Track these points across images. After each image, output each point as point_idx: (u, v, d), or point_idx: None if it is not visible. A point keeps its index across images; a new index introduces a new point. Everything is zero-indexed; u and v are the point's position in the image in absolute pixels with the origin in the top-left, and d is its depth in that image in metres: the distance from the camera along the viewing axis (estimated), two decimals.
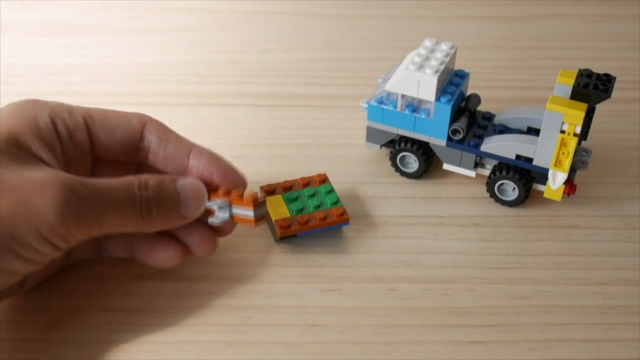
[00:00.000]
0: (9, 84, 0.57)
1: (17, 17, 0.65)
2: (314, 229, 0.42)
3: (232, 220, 0.38)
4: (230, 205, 0.38)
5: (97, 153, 0.38)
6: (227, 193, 0.38)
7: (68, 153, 0.36)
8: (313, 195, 0.43)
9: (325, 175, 0.44)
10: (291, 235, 0.41)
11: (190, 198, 0.37)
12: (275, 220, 0.41)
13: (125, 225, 0.35)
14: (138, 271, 0.40)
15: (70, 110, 0.37)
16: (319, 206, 0.42)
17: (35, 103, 0.37)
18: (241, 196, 0.38)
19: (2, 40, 0.62)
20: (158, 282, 0.40)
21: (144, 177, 0.36)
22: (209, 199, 0.38)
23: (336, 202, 0.43)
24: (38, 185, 0.32)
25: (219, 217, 0.38)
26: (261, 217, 0.39)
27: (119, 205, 0.34)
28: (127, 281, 0.38)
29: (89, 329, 0.37)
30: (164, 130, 0.39)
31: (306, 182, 0.44)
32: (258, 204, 0.38)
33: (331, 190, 0.43)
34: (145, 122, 0.39)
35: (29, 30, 0.64)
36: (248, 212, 0.38)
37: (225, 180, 0.38)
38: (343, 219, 0.42)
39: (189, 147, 0.39)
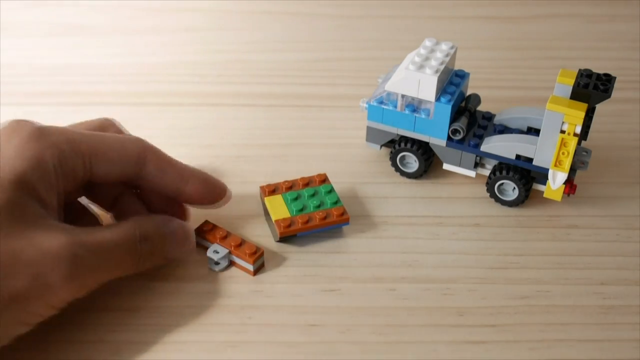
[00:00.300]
0: (9, 84, 0.57)
1: (17, 17, 0.65)
2: (314, 229, 0.42)
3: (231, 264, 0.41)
4: (229, 254, 0.41)
5: (94, 180, 0.38)
6: (224, 237, 0.41)
7: (66, 186, 0.37)
8: (313, 195, 0.43)
9: (325, 175, 0.44)
10: (291, 235, 0.41)
11: (177, 242, 0.39)
12: (276, 220, 0.41)
13: (118, 274, 0.36)
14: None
15: (72, 147, 0.36)
16: (319, 206, 0.42)
17: (39, 139, 0.35)
18: (240, 245, 0.40)
19: (2, 40, 0.62)
20: (157, 282, 0.40)
21: (143, 229, 0.37)
22: (209, 241, 0.41)
23: (336, 202, 0.43)
24: (50, 259, 0.32)
25: (220, 265, 0.40)
26: (259, 267, 0.41)
27: (120, 264, 0.36)
28: (126, 281, 0.38)
29: (88, 329, 0.37)
30: (161, 161, 0.39)
31: (306, 182, 0.44)
32: (257, 258, 0.40)
33: (331, 190, 0.43)
34: (144, 154, 0.39)
35: (29, 30, 0.64)
36: (248, 265, 0.40)
37: (211, 195, 0.41)
38: (343, 218, 0.42)
39: (183, 173, 0.40)
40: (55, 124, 0.37)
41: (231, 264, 0.41)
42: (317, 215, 0.41)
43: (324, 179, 0.44)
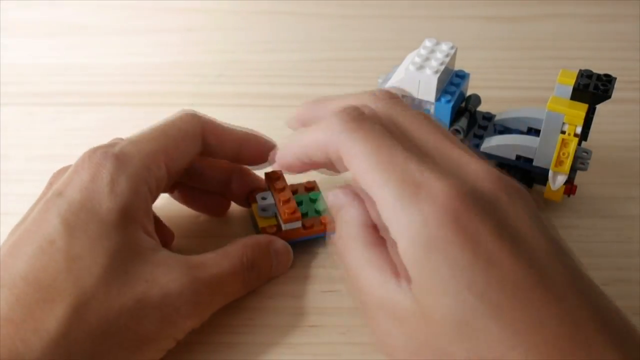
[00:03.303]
0: (9, 84, 0.57)
1: (17, 17, 0.65)
2: (300, 238, 0.41)
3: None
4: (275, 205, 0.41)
5: (171, 177, 0.38)
6: (282, 189, 0.41)
7: (154, 200, 0.36)
8: (300, 204, 0.42)
9: (314, 182, 0.44)
10: None
11: (281, 264, 0.40)
12: (262, 228, 0.41)
13: (230, 301, 0.37)
14: None
15: (153, 161, 0.35)
16: (305, 214, 0.42)
17: (124, 166, 0.34)
18: (287, 201, 0.41)
19: (2, 40, 0.62)
20: None
21: (250, 255, 0.37)
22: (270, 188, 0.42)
23: (323, 210, 0.42)
24: (175, 299, 0.32)
25: (267, 212, 0.41)
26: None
27: (233, 293, 0.37)
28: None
29: None
30: (218, 132, 0.39)
31: (294, 190, 0.43)
32: (289, 220, 0.40)
33: (319, 199, 0.43)
34: (203, 131, 0.38)
35: (29, 30, 0.64)
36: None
37: (265, 154, 0.41)
38: (328, 228, 0.41)
39: (239, 138, 0.40)
40: (54, 124, 0.37)
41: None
42: (304, 223, 0.41)
43: (312, 187, 0.44)
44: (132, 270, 0.32)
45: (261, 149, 0.41)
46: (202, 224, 0.44)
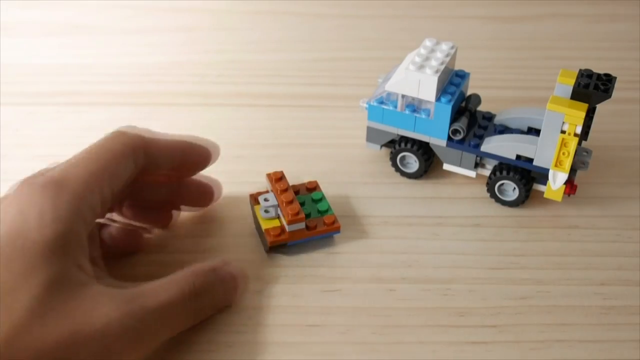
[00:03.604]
0: (9, 84, 0.57)
1: (17, 17, 0.65)
2: (304, 238, 0.41)
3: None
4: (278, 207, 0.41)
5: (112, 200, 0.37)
6: (285, 189, 0.41)
7: (92, 225, 0.35)
8: (302, 205, 0.42)
9: (315, 182, 0.44)
10: (281, 243, 0.41)
11: (229, 291, 0.38)
12: (265, 229, 0.41)
13: (176, 332, 0.35)
14: (136, 271, 0.40)
15: (89, 187, 0.34)
16: (308, 215, 0.42)
17: (57, 194, 0.32)
18: (290, 202, 0.41)
19: (2, 40, 0.62)
20: None
21: (196, 282, 0.35)
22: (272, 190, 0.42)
23: (327, 210, 0.42)
24: (110, 334, 0.31)
25: (270, 214, 0.41)
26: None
27: (177, 324, 0.35)
28: (125, 282, 0.38)
29: None
30: (148, 146, 0.38)
31: (296, 190, 0.43)
32: (293, 222, 0.40)
33: (322, 198, 0.43)
34: (135, 150, 0.37)
35: (29, 30, 0.64)
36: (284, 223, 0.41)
37: (201, 161, 0.41)
38: (334, 227, 0.41)
39: (176, 146, 0.39)
40: (54, 124, 0.37)
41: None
42: (307, 224, 0.41)
43: (314, 187, 0.44)
44: (69, 302, 0.30)
45: (202, 154, 0.40)
46: (203, 224, 0.44)
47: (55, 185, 0.33)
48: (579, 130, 0.40)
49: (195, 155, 0.40)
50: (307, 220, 0.41)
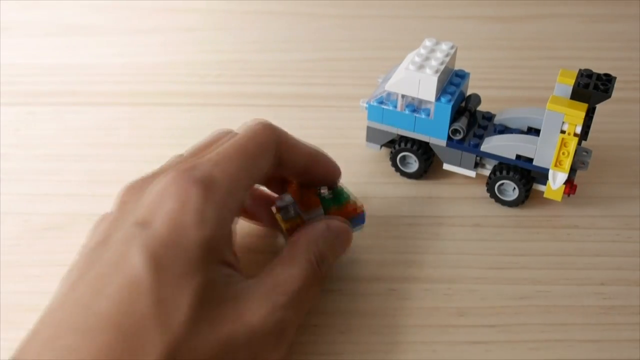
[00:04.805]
0: (9, 84, 0.57)
1: (17, 17, 0.65)
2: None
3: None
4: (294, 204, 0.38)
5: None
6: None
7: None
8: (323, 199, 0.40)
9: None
10: None
11: (344, 243, 0.37)
12: (287, 229, 0.39)
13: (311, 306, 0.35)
14: None
15: (236, 186, 0.32)
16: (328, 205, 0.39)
17: (209, 194, 0.30)
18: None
19: (2, 40, 0.62)
20: None
21: (316, 251, 0.34)
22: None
23: (347, 199, 0.40)
24: (262, 335, 0.30)
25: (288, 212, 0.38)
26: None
27: (313, 298, 0.35)
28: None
29: None
30: (291, 147, 0.36)
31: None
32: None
33: (341, 191, 0.40)
34: (277, 146, 0.35)
35: (29, 30, 0.64)
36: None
37: (333, 175, 0.39)
38: (356, 211, 0.40)
39: (311, 156, 0.38)
40: (54, 124, 0.37)
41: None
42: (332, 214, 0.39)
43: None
44: (217, 311, 0.29)
45: (330, 169, 0.39)
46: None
47: (212, 181, 0.31)
48: (578, 130, 0.40)
49: (324, 166, 0.39)
50: (326, 209, 0.39)
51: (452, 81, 0.45)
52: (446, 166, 0.47)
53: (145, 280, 0.28)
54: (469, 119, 0.46)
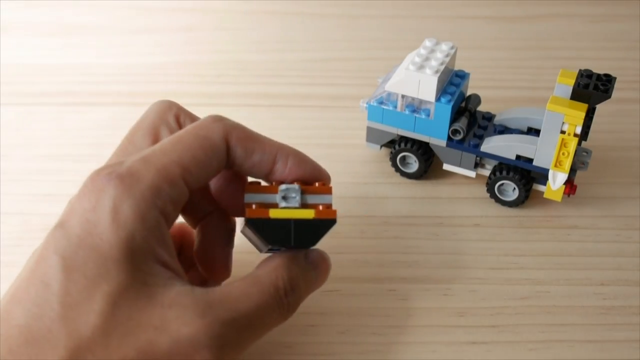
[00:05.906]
0: (9, 84, 0.57)
1: (17, 17, 0.65)
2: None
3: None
4: (300, 192, 0.33)
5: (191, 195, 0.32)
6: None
7: (173, 221, 0.31)
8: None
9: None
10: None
11: (322, 276, 0.34)
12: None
13: (265, 334, 0.32)
14: None
15: (166, 177, 0.29)
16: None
17: (130, 188, 0.28)
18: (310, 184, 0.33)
19: (2, 40, 0.62)
20: None
21: (287, 278, 0.31)
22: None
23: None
24: (190, 348, 0.27)
25: (291, 201, 0.32)
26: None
27: (268, 326, 0.31)
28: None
29: None
30: (248, 139, 0.32)
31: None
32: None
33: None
34: (227, 137, 0.32)
35: (29, 30, 0.64)
36: (326, 198, 0.33)
37: (309, 177, 0.34)
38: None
39: (274, 152, 0.33)
40: (54, 124, 0.37)
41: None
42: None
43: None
44: (137, 316, 0.27)
45: (313, 168, 0.34)
46: None
47: (132, 176, 0.28)
48: (578, 130, 0.40)
49: (303, 163, 0.34)
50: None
51: (452, 81, 0.45)
52: (446, 166, 0.47)
53: (55, 284, 0.27)
54: (469, 119, 0.46)
